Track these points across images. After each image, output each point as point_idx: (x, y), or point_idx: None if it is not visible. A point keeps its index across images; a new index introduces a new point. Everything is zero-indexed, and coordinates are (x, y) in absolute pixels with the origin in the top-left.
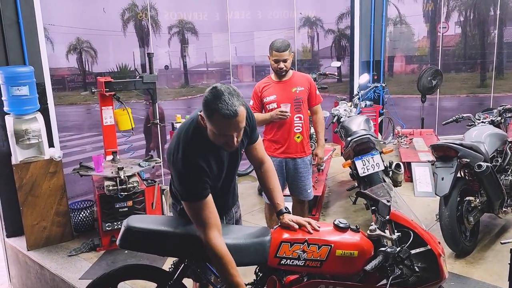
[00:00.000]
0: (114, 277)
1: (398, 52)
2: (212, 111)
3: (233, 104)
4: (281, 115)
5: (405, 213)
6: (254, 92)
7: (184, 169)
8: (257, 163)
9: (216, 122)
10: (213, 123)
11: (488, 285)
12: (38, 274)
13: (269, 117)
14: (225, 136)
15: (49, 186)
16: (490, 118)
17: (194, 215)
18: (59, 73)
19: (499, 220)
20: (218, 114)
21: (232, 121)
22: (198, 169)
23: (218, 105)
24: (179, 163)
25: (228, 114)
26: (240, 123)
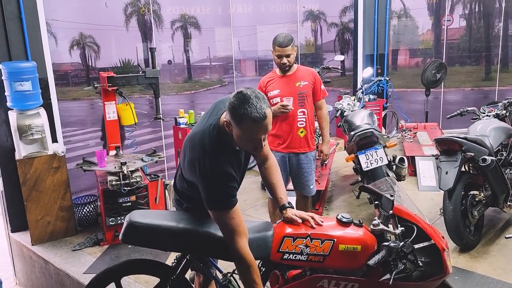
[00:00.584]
0: (116, 272)
1: (402, 46)
2: (241, 116)
3: (261, 107)
4: (283, 109)
5: (409, 208)
6: (258, 87)
7: (214, 178)
8: (262, 159)
9: (245, 126)
10: (242, 128)
11: (492, 279)
12: (42, 269)
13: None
14: (254, 140)
15: (52, 181)
16: (495, 111)
17: (222, 224)
18: (62, 69)
19: (503, 214)
20: (247, 118)
21: (262, 124)
22: (228, 176)
23: (247, 109)
24: (208, 173)
25: (258, 118)
26: (268, 125)
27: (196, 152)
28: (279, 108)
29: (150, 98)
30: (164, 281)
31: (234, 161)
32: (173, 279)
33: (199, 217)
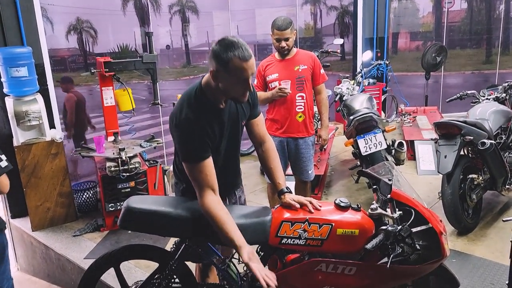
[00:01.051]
0: (115, 257)
1: (403, 29)
2: (227, 59)
3: (246, 48)
4: (281, 92)
5: (407, 192)
6: (257, 71)
7: (187, 129)
8: (258, 141)
9: (233, 67)
10: (230, 70)
11: (490, 262)
12: (43, 254)
13: (270, 95)
14: (242, 82)
15: (51, 168)
16: (495, 94)
17: (191, 176)
18: (59, 54)
19: (502, 197)
20: (235, 59)
21: (249, 63)
22: (200, 129)
23: (233, 51)
24: (182, 124)
25: (246, 56)
26: (254, 66)
27: (176, 108)
28: (277, 92)
29: (149, 83)
30: (163, 266)
31: (213, 119)
32: (172, 264)
33: (197, 203)
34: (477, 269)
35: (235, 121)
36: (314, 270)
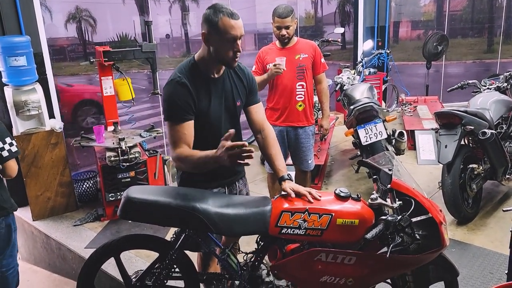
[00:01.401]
0: (115, 247)
1: (404, 17)
2: (216, 18)
3: (234, 11)
4: (276, 69)
5: (407, 182)
6: (257, 57)
7: (173, 89)
8: (257, 128)
9: (222, 25)
10: (219, 29)
11: (489, 251)
12: (44, 244)
13: (266, 77)
14: (231, 41)
15: (51, 157)
16: (496, 84)
17: (171, 135)
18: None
19: (501, 187)
20: (224, 18)
21: (238, 23)
22: (185, 91)
23: (222, 11)
24: (170, 84)
25: (234, 15)
26: (242, 28)
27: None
28: (271, 70)
29: (148, 73)
30: (163, 255)
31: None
32: (172, 254)
33: (198, 193)
34: (477, 259)
35: (229, 98)
36: (313, 260)
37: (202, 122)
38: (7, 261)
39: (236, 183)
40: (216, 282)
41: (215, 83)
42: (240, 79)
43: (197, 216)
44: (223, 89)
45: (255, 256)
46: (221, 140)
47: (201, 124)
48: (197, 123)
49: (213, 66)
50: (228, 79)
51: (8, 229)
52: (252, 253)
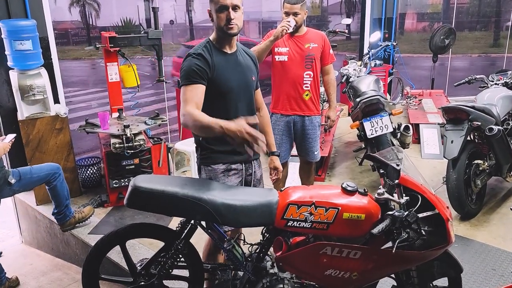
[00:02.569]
0: (121, 235)
1: (410, 9)
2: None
3: None
4: (284, 25)
5: (414, 177)
6: (267, 35)
7: (188, 61)
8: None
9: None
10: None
11: (492, 247)
12: (47, 228)
13: (273, 37)
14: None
15: (55, 143)
16: (504, 80)
17: (182, 95)
18: (62, 27)
19: (506, 183)
20: None
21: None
22: (201, 60)
23: None
24: (185, 59)
25: None
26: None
27: None
28: (279, 26)
29: (153, 59)
30: (169, 245)
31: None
32: (178, 244)
33: (205, 183)
34: (479, 255)
35: (245, 72)
36: (319, 253)
37: (219, 91)
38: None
39: (252, 162)
40: (220, 273)
41: (230, 57)
42: (250, 58)
43: (203, 207)
44: (238, 63)
45: (260, 248)
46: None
47: (220, 94)
48: (214, 91)
49: (224, 41)
50: (241, 55)
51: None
52: (257, 244)
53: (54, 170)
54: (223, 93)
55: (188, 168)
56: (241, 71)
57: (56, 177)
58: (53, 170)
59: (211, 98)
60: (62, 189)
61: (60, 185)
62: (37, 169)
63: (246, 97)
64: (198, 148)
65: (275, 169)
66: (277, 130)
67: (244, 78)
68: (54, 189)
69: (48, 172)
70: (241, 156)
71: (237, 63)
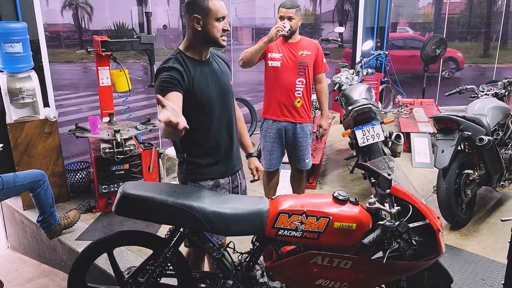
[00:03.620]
0: (109, 242)
1: (402, 19)
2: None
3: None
4: (279, 27)
5: (405, 187)
6: (260, 40)
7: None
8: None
9: (213, 6)
10: (210, 10)
11: (481, 257)
12: (34, 234)
13: (267, 39)
14: (221, 19)
15: (44, 147)
16: (494, 90)
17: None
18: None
19: (495, 193)
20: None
21: (223, 2)
22: (175, 71)
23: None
24: (159, 72)
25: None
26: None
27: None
28: (274, 28)
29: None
30: (157, 253)
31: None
32: (166, 252)
33: (195, 190)
34: (469, 264)
35: (222, 78)
36: (309, 263)
37: (198, 103)
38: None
39: (237, 173)
40: (209, 281)
41: (205, 66)
42: (224, 61)
43: (193, 215)
44: (214, 71)
45: (250, 257)
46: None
47: (200, 106)
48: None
49: (202, 50)
50: (215, 61)
51: None
52: (247, 253)
53: (38, 178)
54: (203, 104)
55: None
56: (218, 79)
57: (40, 185)
58: (37, 178)
59: (191, 110)
60: (46, 197)
61: (44, 192)
62: (21, 176)
63: (225, 104)
64: (184, 164)
65: (256, 170)
66: (268, 138)
67: (222, 86)
68: (37, 196)
69: (31, 180)
70: (226, 166)
71: (212, 71)
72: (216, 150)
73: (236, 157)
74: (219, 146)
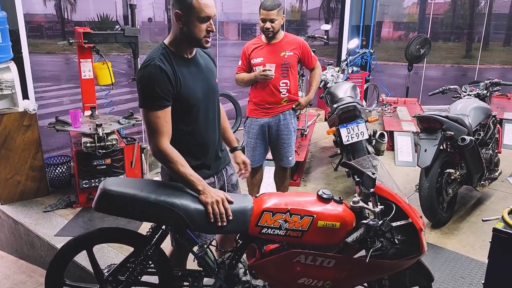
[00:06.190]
0: (88, 240)
1: (387, 18)
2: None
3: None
4: (264, 75)
5: (389, 186)
6: (242, 52)
7: (148, 74)
8: None
9: (197, 4)
10: (194, 8)
11: (461, 255)
12: (12, 229)
13: (253, 77)
14: (206, 19)
15: (23, 140)
16: (476, 91)
17: (147, 122)
18: (35, 20)
19: (475, 192)
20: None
21: (211, 1)
22: (163, 76)
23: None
24: (144, 69)
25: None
26: (214, 8)
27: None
28: (260, 75)
29: (129, 57)
30: (139, 251)
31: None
32: (148, 249)
33: (178, 188)
34: (449, 263)
35: (207, 76)
36: (292, 262)
37: (186, 104)
38: None
39: (222, 170)
40: (191, 279)
41: (191, 63)
42: (209, 57)
43: (175, 212)
44: (200, 69)
45: (233, 255)
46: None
47: (187, 107)
48: (181, 106)
49: (186, 47)
50: (201, 57)
51: None
52: (230, 251)
53: None
54: (190, 106)
55: None
56: (204, 78)
57: None
58: None
59: (178, 112)
60: None
61: None
62: None
63: (212, 103)
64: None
65: (244, 164)
66: (251, 134)
67: (209, 85)
68: None
69: None
70: (211, 169)
71: (198, 70)
72: (203, 151)
73: (222, 155)
74: (206, 146)
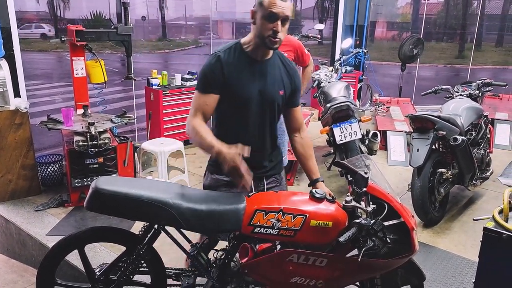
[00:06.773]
0: (80, 239)
1: (381, 18)
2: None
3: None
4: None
5: (382, 185)
6: None
7: (207, 62)
8: (296, 127)
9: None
10: (263, 5)
11: (453, 255)
12: (3, 228)
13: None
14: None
15: (14, 138)
16: (469, 91)
17: (193, 102)
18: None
19: (467, 192)
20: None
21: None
22: (217, 66)
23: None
24: (208, 59)
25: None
26: (289, 10)
27: None
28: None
29: (122, 55)
30: (131, 250)
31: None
32: (140, 249)
33: (170, 186)
34: (441, 261)
35: (272, 83)
36: (285, 261)
37: (234, 100)
38: None
39: (264, 179)
40: (184, 279)
41: (256, 65)
42: (288, 72)
43: (168, 211)
44: (264, 73)
45: (226, 254)
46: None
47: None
48: (230, 100)
49: (258, 48)
50: (274, 65)
51: None
52: (223, 250)
53: None
54: (240, 103)
55: (154, 169)
56: (264, 82)
57: None
58: None
59: (227, 106)
60: None
61: None
62: None
63: (263, 110)
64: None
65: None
66: None
67: (267, 90)
68: None
69: None
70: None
71: (262, 73)
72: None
73: (263, 165)
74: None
